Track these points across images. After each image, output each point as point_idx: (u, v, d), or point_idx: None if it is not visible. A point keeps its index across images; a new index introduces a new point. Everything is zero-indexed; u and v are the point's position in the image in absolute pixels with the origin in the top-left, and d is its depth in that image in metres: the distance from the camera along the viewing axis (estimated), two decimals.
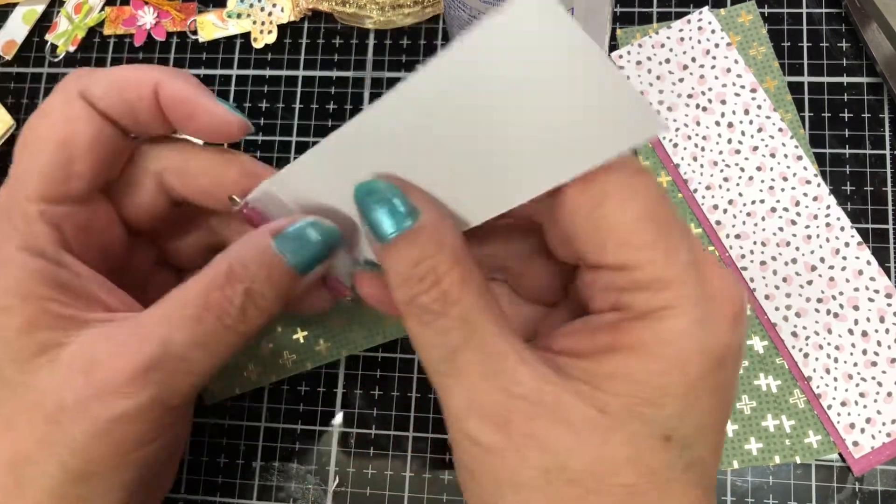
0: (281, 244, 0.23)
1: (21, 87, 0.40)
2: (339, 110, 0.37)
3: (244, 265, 0.22)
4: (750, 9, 0.35)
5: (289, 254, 0.23)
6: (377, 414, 0.34)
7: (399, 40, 0.38)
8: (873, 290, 0.32)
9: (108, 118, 0.24)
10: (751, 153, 0.33)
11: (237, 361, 0.34)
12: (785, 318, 0.32)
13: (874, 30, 0.34)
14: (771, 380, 0.32)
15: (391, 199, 0.20)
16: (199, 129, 0.25)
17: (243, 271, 0.22)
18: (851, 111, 0.34)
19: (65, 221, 0.24)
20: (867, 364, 0.31)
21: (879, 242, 0.33)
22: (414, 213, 0.20)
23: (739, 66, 0.34)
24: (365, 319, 0.34)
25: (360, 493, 0.33)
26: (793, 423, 0.31)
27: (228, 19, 0.39)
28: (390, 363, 0.34)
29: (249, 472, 0.34)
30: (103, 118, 0.24)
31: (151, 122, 0.25)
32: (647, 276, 0.18)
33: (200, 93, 0.24)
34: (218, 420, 0.34)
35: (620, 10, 0.36)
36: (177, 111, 0.24)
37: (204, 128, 0.25)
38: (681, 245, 0.19)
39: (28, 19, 0.40)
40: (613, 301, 0.19)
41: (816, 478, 0.31)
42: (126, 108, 0.24)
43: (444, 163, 0.20)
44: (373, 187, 0.20)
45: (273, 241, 0.23)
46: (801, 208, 0.33)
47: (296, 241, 0.23)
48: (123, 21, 0.39)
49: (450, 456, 0.33)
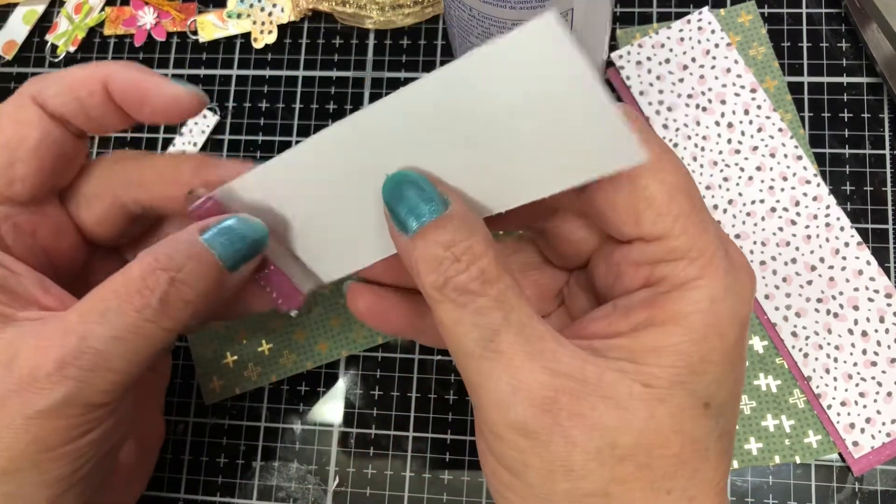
0: (209, 237, 0.23)
1: None
2: (339, 110, 0.37)
3: (169, 256, 0.22)
4: (750, 9, 0.35)
5: (217, 246, 0.23)
6: (377, 414, 0.34)
7: (399, 40, 0.38)
8: (873, 290, 0.32)
9: (60, 120, 0.24)
10: (751, 153, 0.33)
11: (237, 361, 0.34)
12: (785, 318, 0.32)
13: (874, 30, 0.34)
14: (771, 380, 0.32)
15: (423, 187, 0.20)
16: (154, 112, 0.25)
17: (168, 261, 0.22)
18: (851, 111, 0.34)
19: (3, 222, 0.24)
20: (867, 364, 0.31)
21: (879, 242, 0.33)
22: (445, 202, 0.20)
23: (739, 66, 0.34)
24: None
25: (360, 493, 0.33)
26: (793, 423, 0.31)
27: (228, 19, 0.39)
28: (390, 363, 0.34)
29: (249, 472, 0.34)
30: (54, 121, 0.24)
31: (104, 116, 0.25)
32: (682, 245, 0.19)
33: (149, 76, 0.24)
34: (218, 420, 0.34)
35: (620, 10, 0.36)
36: (129, 99, 0.24)
37: (159, 109, 0.24)
38: (708, 218, 0.20)
39: (28, 19, 0.40)
40: (646, 276, 0.20)
41: (816, 478, 0.31)
42: (77, 105, 0.24)
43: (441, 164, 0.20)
44: (404, 177, 0.20)
45: (201, 235, 0.23)
46: (801, 208, 0.33)
47: (224, 234, 0.23)
48: (123, 21, 0.39)
49: (450, 456, 0.33)
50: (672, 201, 0.19)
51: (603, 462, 0.18)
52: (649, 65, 0.35)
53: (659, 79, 0.35)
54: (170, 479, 0.34)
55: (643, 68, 0.35)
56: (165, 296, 0.22)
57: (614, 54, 0.35)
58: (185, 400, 0.35)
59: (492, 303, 0.19)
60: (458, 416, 0.33)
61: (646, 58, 0.35)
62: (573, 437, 0.18)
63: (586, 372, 0.19)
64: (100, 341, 0.21)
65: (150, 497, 0.34)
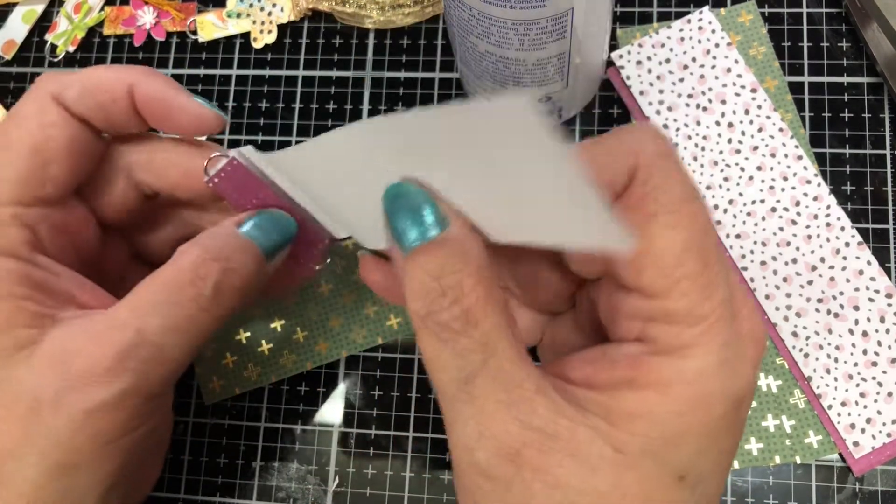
0: (247, 230, 0.24)
1: (21, 88, 0.40)
2: (339, 110, 0.37)
3: (219, 247, 0.23)
4: (750, 9, 0.35)
5: (256, 237, 0.24)
6: (377, 414, 0.34)
7: (399, 40, 0.38)
8: (873, 290, 0.32)
9: (82, 120, 0.24)
10: (751, 153, 0.33)
11: (237, 361, 0.34)
12: (785, 318, 0.32)
13: (874, 30, 0.34)
14: (771, 380, 0.32)
15: (421, 205, 0.19)
16: (176, 127, 0.25)
17: (219, 252, 0.23)
18: (851, 111, 0.34)
19: (39, 223, 0.24)
20: (867, 364, 0.31)
21: (879, 242, 0.33)
22: (443, 223, 0.19)
23: (739, 66, 0.34)
24: (365, 319, 0.34)
25: (360, 493, 0.33)
26: (793, 423, 0.31)
27: (228, 19, 0.39)
28: (390, 363, 0.34)
29: (249, 472, 0.34)
30: (78, 121, 0.24)
31: (125, 122, 0.25)
32: (681, 310, 0.18)
33: (175, 91, 0.25)
34: (218, 420, 0.34)
35: (620, 10, 0.36)
36: (153, 110, 0.25)
37: (182, 125, 0.25)
38: (719, 281, 0.18)
39: (28, 19, 0.40)
40: (638, 331, 0.19)
41: (816, 478, 0.31)
42: (100, 109, 0.24)
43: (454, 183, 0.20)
44: (404, 190, 0.20)
45: (238, 228, 0.24)
46: (802, 208, 0.33)
47: (260, 227, 0.25)
48: (123, 21, 0.39)
49: (450, 457, 0.33)
50: (679, 262, 0.18)
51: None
52: (649, 64, 0.35)
53: (659, 78, 0.35)
54: (170, 479, 0.34)
55: (643, 68, 0.35)
56: (219, 284, 0.23)
57: (614, 54, 0.35)
58: (185, 400, 0.35)
59: (473, 345, 0.18)
60: None
61: (646, 57, 0.35)
62: (534, 490, 0.18)
63: (559, 426, 0.18)
64: (156, 333, 0.22)
65: (150, 497, 0.34)
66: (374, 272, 0.24)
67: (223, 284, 0.23)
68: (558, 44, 0.28)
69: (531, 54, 0.28)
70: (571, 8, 0.26)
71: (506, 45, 0.28)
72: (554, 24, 0.27)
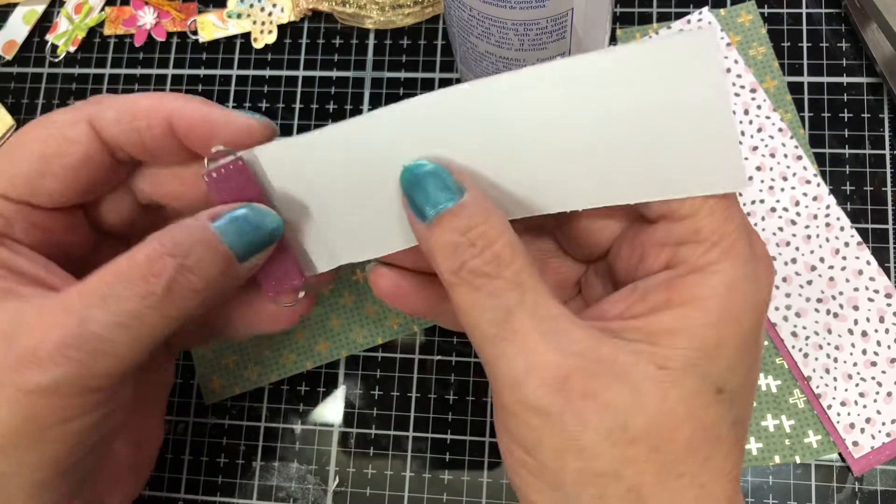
0: (220, 224, 0.22)
1: (21, 88, 0.40)
2: (339, 110, 0.37)
3: (176, 241, 0.21)
4: (750, 9, 0.35)
5: (227, 234, 0.22)
6: (377, 414, 0.34)
7: (399, 40, 0.38)
8: (873, 290, 0.32)
9: (113, 145, 0.24)
10: (750, 153, 0.33)
11: (237, 361, 0.34)
12: (785, 318, 0.32)
13: (874, 30, 0.34)
14: (771, 380, 0.32)
15: (440, 176, 0.21)
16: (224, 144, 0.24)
17: (175, 247, 0.21)
18: (851, 111, 0.34)
19: (16, 215, 0.23)
20: (867, 364, 0.31)
21: (879, 242, 0.33)
22: (461, 190, 0.20)
23: (739, 66, 0.34)
24: (365, 319, 0.34)
25: (360, 493, 0.33)
26: (793, 422, 0.31)
27: (228, 19, 0.39)
28: (390, 363, 0.34)
29: (249, 472, 0.34)
30: (101, 145, 0.24)
31: (161, 150, 0.24)
32: (708, 227, 0.20)
33: (216, 110, 0.24)
34: (218, 420, 0.34)
35: (620, 10, 0.36)
36: (195, 134, 0.24)
37: (229, 141, 0.24)
38: (736, 207, 0.20)
39: (28, 19, 0.40)
40: (668, 258, 0.20)
41: (816, 478, 0.31)
42: (136, 136, 0.24)
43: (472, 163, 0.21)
44: (422, 166, 0.21)
45: (212, 222, 0.22)
46: (801, 208, 0.33)
47: (235, 222, 0.22)
48: (123, 21, 0.39)
49: (450, 456, 0.33)
50: None
51: (615, 443, 0.18)
52: None
53: None
54: (170, 479, 0.34)
55: None
56: (171, 283, 0.21)
57: None
58: (185, 400, 0.35)
59: (507, 284, 0.19)
60: (458, 416, 0.33)
61: None
62: (585, 416, 0.18)
63: (601, 352, 0.19)
64: (100, 326, 0.21)
65: (150, 497, 0.34)
66: (385, 279, 0.24)
67: (177, 284, 0.21)
68: (558, 44, 0.28)
69: (531, 55, 0.28)
70: (571, 8, 0.26)
71: (506, 46, 0.28)
72: (554, 24, 0.27)
